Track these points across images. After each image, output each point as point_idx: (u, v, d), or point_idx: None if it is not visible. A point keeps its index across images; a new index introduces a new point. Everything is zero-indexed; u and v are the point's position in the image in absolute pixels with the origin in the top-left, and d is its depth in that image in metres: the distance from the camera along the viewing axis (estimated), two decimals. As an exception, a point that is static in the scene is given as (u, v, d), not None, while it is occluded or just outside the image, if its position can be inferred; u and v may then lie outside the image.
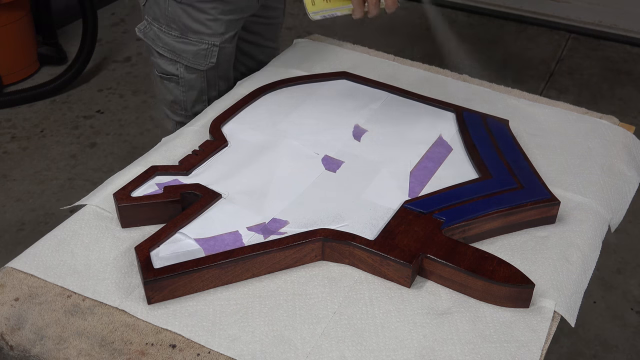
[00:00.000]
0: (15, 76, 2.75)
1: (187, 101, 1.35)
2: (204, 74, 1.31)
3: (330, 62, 1.38)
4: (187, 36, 1.27)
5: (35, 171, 2.31)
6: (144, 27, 1.32)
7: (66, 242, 0.96)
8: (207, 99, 1.35)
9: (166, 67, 1.32)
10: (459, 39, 2.76)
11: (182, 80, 1.32)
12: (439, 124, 1.19)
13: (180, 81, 1.32)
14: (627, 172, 1.14)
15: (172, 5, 1.24)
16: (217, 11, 1.25)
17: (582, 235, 0.99)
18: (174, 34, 1.27)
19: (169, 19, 1.26)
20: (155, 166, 1.04)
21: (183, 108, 1.36)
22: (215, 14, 1.25)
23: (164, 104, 1.40)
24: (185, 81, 1.32)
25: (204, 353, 0.82)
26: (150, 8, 1.29)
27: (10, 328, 0.86)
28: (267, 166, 1.07)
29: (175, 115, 1.39)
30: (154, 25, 1.29)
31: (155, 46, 1.31)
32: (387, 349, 0.82)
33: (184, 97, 1.34)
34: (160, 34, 1.29)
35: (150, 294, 0.86)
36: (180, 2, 1.23)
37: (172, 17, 1.25)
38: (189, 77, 1.32)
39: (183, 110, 1.37)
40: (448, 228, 0.94)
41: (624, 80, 2.80)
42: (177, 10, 1.24)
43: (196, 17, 1.25)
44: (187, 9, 1.24)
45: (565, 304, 0.89)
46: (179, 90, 1.34)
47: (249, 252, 0.89)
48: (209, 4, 1.24)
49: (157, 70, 1.35)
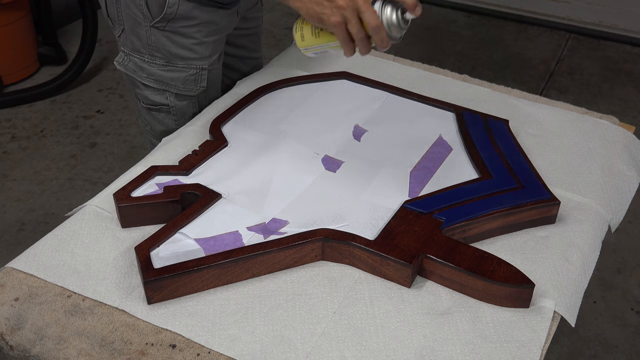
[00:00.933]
0: (15, 76, 2.75)
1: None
2: (195, 99, 1.26)
3: (330, 62, 1.38)
4: (174, 63, 1.21)
5: (35, 171, 2.31)
6: (122, 59, 1.25)
7: (66, 242, 0.96)
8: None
9: (154, 98, 1.25)
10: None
11: (174, 109, 1.26)
12: (439, 124, 1.19)
13: (171, 110, 1.26)
14: (627, 172, 1.14)
15: (155, 33, 1.17)
16: (202, 34, 1.19)
17: (582, 235, 0.99)
18: (158, 63, 1.21)
19: (152, 48, 1.19)
20: (155, 166, 1.04)
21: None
22: (200, 37, 1.20)
23: (152, 135, 1.32)
24: (177, 109, 1.26)
25: (204, 353, 0.82)
26: (126, 39, 1.21)
27: (10, 328, 0.86)
28: (267, 166, 1.07)
29: None
30: (133, 57, 1.22)
31: (139, 78, 1.24)
32: (387, 349, 0.82)
33: (177, 125, 1.27)
34: (142, 65, 1.22)
35: (150, 294, 0.86)
36: (164, 30, 1.17)
37: (155, 45, 1.19)
38: (180, 105, 1.25)
39: None
40: (448, 228, 0.94)
41: (624, 80, 2.80)
42: (160, 38, 1.18)
43: (181, 43, 1.19)
44: (171, 35, 1.18)
45: (565, 304, 0.89)
46: (170, 119, 1.27)
47: (249, 252, 0.89)
48: (193, 27, 1.18)
49: (144, 102, 1.27)
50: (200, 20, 1.17)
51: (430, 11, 3.26)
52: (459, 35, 3.08)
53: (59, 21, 3.01)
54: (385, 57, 1.42)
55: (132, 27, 1.18)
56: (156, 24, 1.15)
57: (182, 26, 1.17)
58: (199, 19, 1.17)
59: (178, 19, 1.16)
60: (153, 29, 1.17)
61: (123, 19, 1.19)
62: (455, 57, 2.91)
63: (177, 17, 1.15)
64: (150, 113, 1.28)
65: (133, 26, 1.18)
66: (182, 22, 1.16)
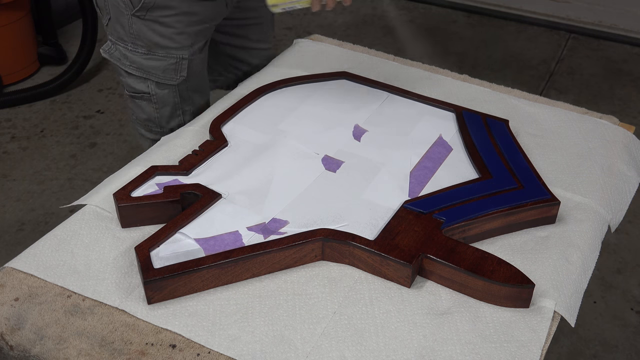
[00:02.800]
0: (15, 76, 2.75)
1: (162, 118, 1.31)
2: (175, 88, 1.28)
3: (330, 62, 1.38)
4: (155, 52, 1.23)
5: (35, 171, 2.31)
6: (108, 47, 1.28)
7: (66, 242, 0.96)
8: (181, 113, 1.32)
9: (136, 86, 1.28)
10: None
11: (155, 97, 1.28)
12: (439, 123, 1.19)
13: (152, 98, 1.28)
14: (627, 172, 1.14)
15: (136, 22, 1.20)
16: (182, 24, 1.21)
17: (582, 235, 0.99)
18: (140, 52, 1.23)
19: (134, 37, 1.22)
20: (155, 166, 1.04)
21: (158, 125, 1.33)
22: (181, 27, 1.21)
23: (137, 123, 1.36)
24: (158, 98, 1.28)
25: (204, 353, 0.82)
26: (112, 28, 1.24)
27: (10, 328, 0.86)
28: (267, 166, 1.07)
29: (150, 133, 1.35)
30: (119, 45, 1.25)
31: (122, 66, 1.27)
32: (387, 349, 0.82)
33: (158, 114, 1.30)
34: (126, 53, 1.25)
35: (150, 294, 0.86)
36: (144, 19, 1.19)
37: (136, 34, 1.21)
38: (161, 94, 1.28)
39: (158, 128, 1.33)
40: (448, 228, 0.94)
41: (624, 80, 2.80)
42: (141, 27, 1.20)
43: (161, 32, 1.21)
44: (152, 24, 1.20)
45: (565, 304, 0.89)
46: (151, 107, 1.30)
47: (249, 252, 0.89)
48: (173, 17, 1.20)
49: (128, 89, 1.30)
50: (179, 10, 1.19)
51: (430, 11, 3.26)
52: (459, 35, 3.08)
53: (59, 21, 3.01)
54: (385, 57, 1.43)
55: (116, 15, 1.21)
56: (137, 12, 1.18)
57: (161, 15, 1.19)
58: (178, 8, 1.19)
59: (157, 8, 1.18)
60: (134, 18, 1.19)
61: (109, 8, 1.22)
62: (455, 57, 2.91)
63: (156, 7, 1.18)
64: (134, 101, 1.31)
65: (117, 15, 1.21)
66: (161, 11, 1.18)
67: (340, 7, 3.20)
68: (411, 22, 3.14)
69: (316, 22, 3.08)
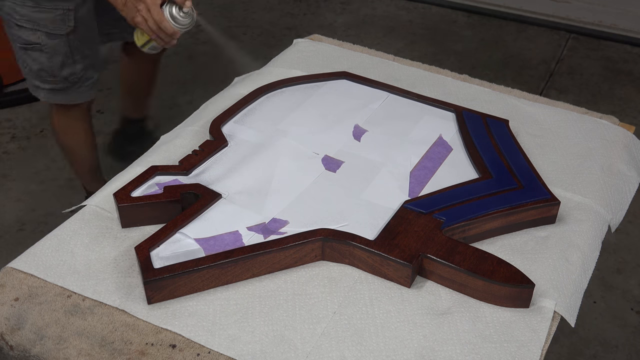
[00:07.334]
0: (16, 76, 2.74)
1: (54, 67, 1.43)
2: (65, 38, 1.39)
3: (330, 62, 1.38)
4: (42, 5, 1.34)
5: (35, 171, 2.31)
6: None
7: (66, 242, 0.96)
8: (73, 62, 1.43)
9: (28, 37, 1.39)
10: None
11: (46, 47, 1.40)
12: (439, 123, 1.19)
13: (43, 48, 1.40)
14: (627, 172, 1.14)
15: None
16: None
17: (582, 235, 0.99)
18: (28, 5, 1.35)
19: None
20: (155, 166, 1.04)
21: (51, 74, 1.44)
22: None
23: (31, 76, 1.47)
24: (49, 47, 1.40)
25: (204, 353, 0.82)
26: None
27: (10, 328, 0.86)
28: (267, 166, 1.07)
29: (45, 83, 1.46)
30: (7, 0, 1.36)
31: (12, 19, 1.38)
32: (387, 349, 0.82)
33: (50, 62, 1.42)
34: (15, 7, 1.36)
35: (150, 294, 0.86)
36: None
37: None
38: (51, 43, 1.39)
39: (51, 77, 1.44)
40: (448, 228, 0.94)
41: (624, 80, 2.80)
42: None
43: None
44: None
45: (565, 304, 0.89)
46: (43, 57, 1.41)
47: (249, 252, 0.89)
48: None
49: (19, 42, 1.41)
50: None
51: (430, 11, 3.26)
52: (459, 35, 3.08)
53: (59, 21, 3.01)
54: (385, 57, 1.43)
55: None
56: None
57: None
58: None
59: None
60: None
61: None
62: (455, 57, 2.91)
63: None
64: (26, 52, 1.43)
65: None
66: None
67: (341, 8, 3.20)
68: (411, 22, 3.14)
69: (316, 22, 3.08)
